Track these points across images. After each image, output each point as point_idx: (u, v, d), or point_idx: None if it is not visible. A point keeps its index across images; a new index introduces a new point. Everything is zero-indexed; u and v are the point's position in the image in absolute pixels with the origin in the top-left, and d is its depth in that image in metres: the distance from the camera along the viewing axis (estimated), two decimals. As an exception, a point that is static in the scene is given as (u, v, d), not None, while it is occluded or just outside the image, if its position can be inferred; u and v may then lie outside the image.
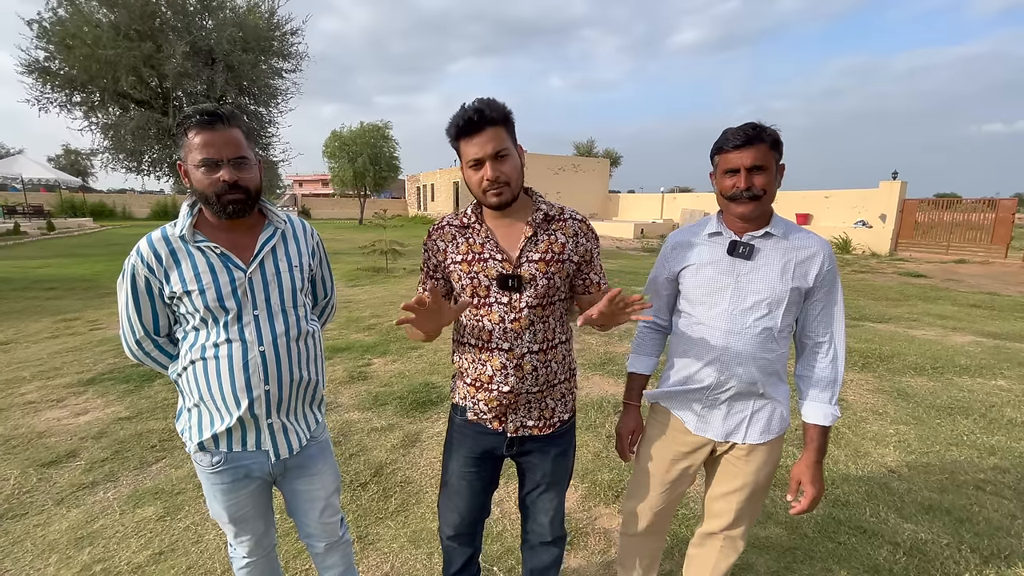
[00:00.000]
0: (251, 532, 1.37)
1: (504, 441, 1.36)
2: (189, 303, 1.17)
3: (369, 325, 5.69)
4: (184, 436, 1.28)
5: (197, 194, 1.18)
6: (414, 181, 39.28)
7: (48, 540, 2.10)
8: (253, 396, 1.21)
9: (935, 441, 3.03)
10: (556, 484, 1.44)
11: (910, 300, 7.59)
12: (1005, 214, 13.22)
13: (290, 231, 1.33)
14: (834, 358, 1.30)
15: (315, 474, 1.37)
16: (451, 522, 1.48)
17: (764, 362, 1.29)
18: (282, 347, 1.24)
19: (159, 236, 1.19)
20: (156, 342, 1.25)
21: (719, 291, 1.31)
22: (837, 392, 1.31)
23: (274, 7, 13.40)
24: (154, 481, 2.55)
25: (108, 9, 11.47)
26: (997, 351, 4.85)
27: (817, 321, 1.30)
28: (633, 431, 1.54)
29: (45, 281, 8.14)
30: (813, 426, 1.32)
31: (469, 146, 1.18)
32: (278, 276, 1.25)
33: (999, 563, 2.00)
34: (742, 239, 1.29)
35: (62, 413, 3.32)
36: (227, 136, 1.15)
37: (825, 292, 1.28)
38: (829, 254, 1.28)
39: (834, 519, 2.27)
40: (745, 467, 1.37)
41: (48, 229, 17.62)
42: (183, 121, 1.15)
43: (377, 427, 3.17)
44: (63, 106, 12.23)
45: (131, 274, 1.18)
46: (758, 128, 1.21)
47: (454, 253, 1.30)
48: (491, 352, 1.29)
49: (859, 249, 14.77)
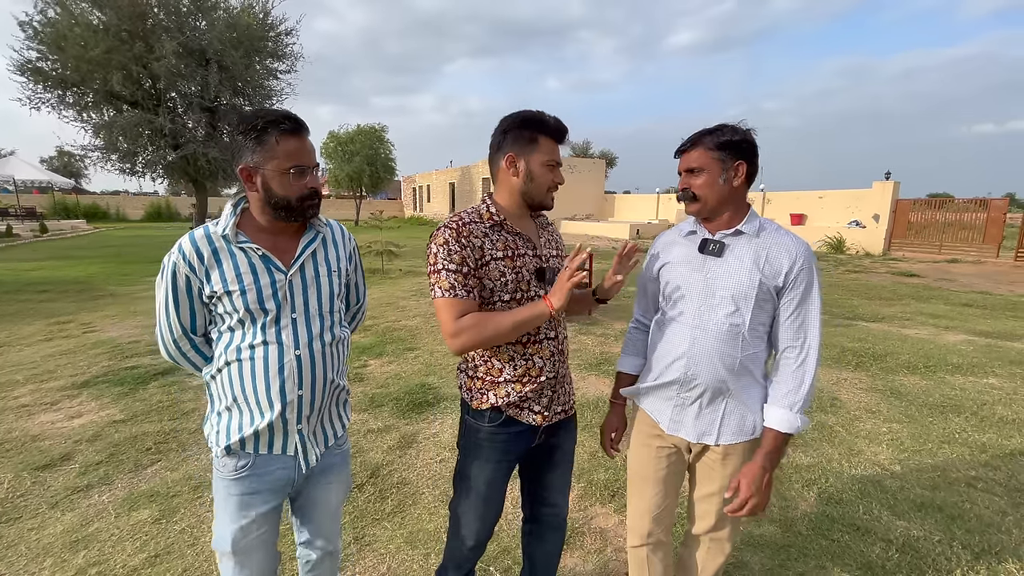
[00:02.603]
0: (251, 570, 1.27)
1: (537, 433, 1.40)
2: (229, 303, 1.16)
3: (365, 326, 5.68)
4: (211, 439, 1.25)
5: (275, 200, 1.16)
6: (410, 182, 39.24)
7: (42, 544, 2.09)
8: (287, 401, 1.20)
9: (927, 439, 3.06)
10: (570, 461, 1.54)
11: (903, 299, 7.65)
12: (996, 214, 13.36)
13: (330, 236, 1.32)
14: (803, 363, 1.26)
15: (333, 483, 1.37)
16: (475, 532, 1.44)
17: (731, 360, 1.29)
18: (317, 352, 1.23)
19: (202, 234, 1.17)
20: (193, 341, 1.24)
21: (689, 288, 1.34)
22: (802, 400, 1.25)
23: (268, 8, 13.39)
24: (149, 484, 2.54)
25: (97, 9, 11.42)
26: (989, 350, 4.90)
27: (788, 323, 1.28)
28: (616, 429, 1.57)
29: (38, 284, 8.08)
30: (767, 429, 1.29)
31: (554, 147, 1.34)
32: (317, 280, 1.25)
33: (990, 559, 2.03)
34: (714, 237, 1.32)
35: (56, 416, 3.30)
36: (310, 144, 1.18)
37: (799, 293, 1.26)
38: (803, 253, 1.26)
39: (828, 516, 2.29)
40: (722, 470, 1.37)
41: (41, 231, 17.50)
42: (266, 125, 1.12)
43: (373, 428, 3.17)
44: (55, 106, 12.16)
45: (172, 271, 1.16)
46: (701, 133, 1.30)
47: (492, 249, 1.29)
48: (539, 344, 1.35)
49: (853, 249, 14.88)
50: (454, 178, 30.45)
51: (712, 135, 1.27)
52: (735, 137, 1.26)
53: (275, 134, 1.13)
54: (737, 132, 1.27)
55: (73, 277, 8.74)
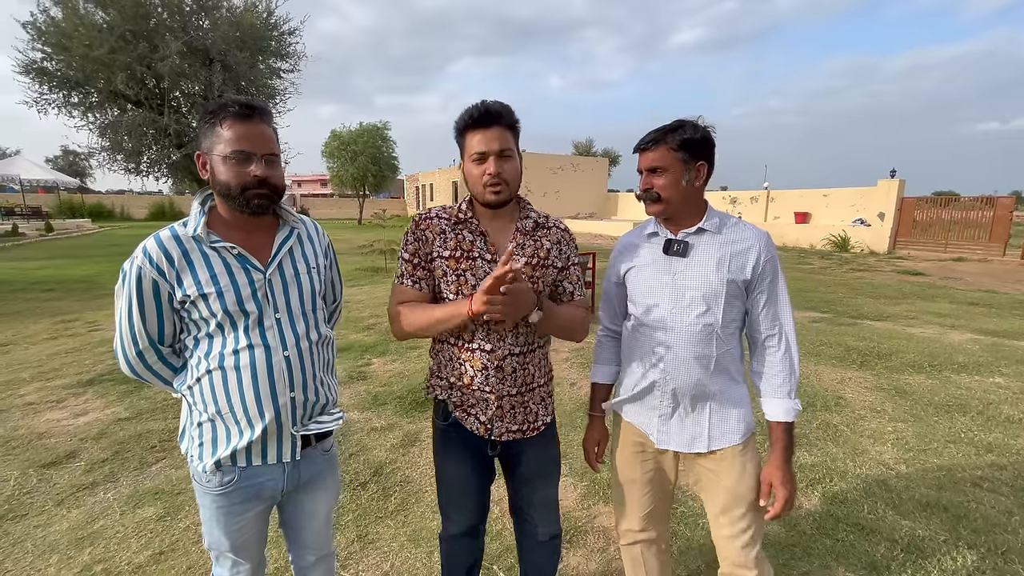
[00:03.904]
0: (249, 561, 1.28)
1: (487, 444, 1.36)
2: (205, 307, 1.10)
3: (368, 325, 5.69)
4: (192, 456, 1.18)
5: (219, 187, 1.10)
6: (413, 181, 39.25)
7: (48, 541, 2.11)
8: (279, 404, 1.15)
9: (933, 438, 3.05)
10: (546, 476, 1.45)
11: (908, 298, 7.61)
12: (1003, 212, 13.24)
13: (304, 232, 1.28)
14: (786, 350, 1.28)
15: (321, 489, 1.33)
16: (456, 519, 1.45)
17: (707, 360, 1.27)
18: (305, 352, 1.19)
19: (169, 235, 1.10)
20: (160, 352, 1.15)
21: (658, 291, 1.31)
22: (795, 385, 1.28)
23: (271, 7, 13.40)
24: (154, 482, 2.55)
25: (101, 9, 11.46)
26: (995, 348, 4.86)
27: (763, 315, 1.28)
28: (598, 442, 1.52)
29: (44, 282, 8.13)
30: (775, 423, 1.28)
31: (476, 138, 1.23)
32: (297, 278, 1.21)
33: (996, 559, 2.01)
34: (676, 237, 1.30)
35: (62, 414, 3.32)
36: (262, 131, 1.11)
37: (767, 284, 1.27)
38: (766, 244, 1.27)
39: (832, 516, 2.28)
40: (722, 480, 1.32)
41: (46, 230, 17.61)
42: (217, 110, 1.09)
43: (376, 427, 3.17)
44: (61, 107, 12.22)
45: (136, 276, 1.08)
46: (663, 130, 1.25)
47: (441, 247, 1.28)
48: (472, 352, 1.28)
49: (858, 247, 14.79)
50: (457, 177, 30.42)
51: (674, 133, 1.24)
52: (696, 135, 1.24)
53: (223, 118, 1.08)
54: (698, 130, 1.24)
55: (79, 276, 8.79)
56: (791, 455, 1.28)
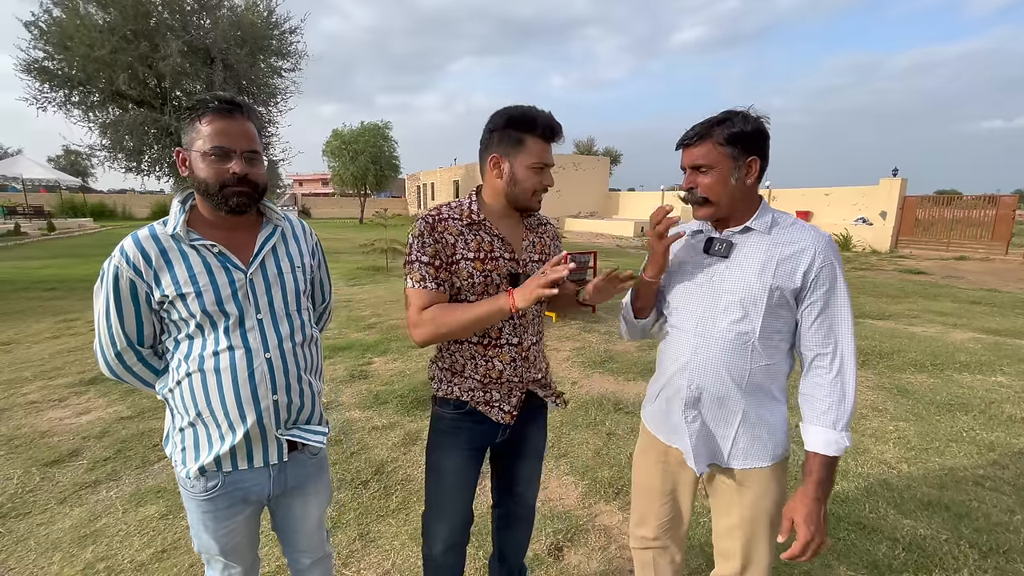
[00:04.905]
0: (240, 564, 1.26)
1: (500, 429, 1.38)
2: (184, 307, 1.07)
3: (369, 324, 5.70)
4: (176, 460, 1.16)
5: (198, 184, 1.08)
6: (414, 180, 39.27)
7: (51, 539, 2.11)
8: (261, 408, 1.12)
9: (935, 437, 3.04)
10: (539, 454, 1.56)
11: (910, 297, 7.59)
12: (1006, 211, 13.22)
13: (289, 230, 1.25)
14: (839, 372, 1.11)
15: (311, 493, 1.31)
16: (442, 534, 1.42)
17: (740, 372, 1.15)
18: (288, 353, 1.16)
19: (147, 234, 1.07)
20: (140, 354, 1.13)
21: (693, 292, 1.22)
22: (846, 415, 1.09)
23: (272, 6, 13.40)
24: (156, 480, 2.56)
25: (102, 9, 11.47)
26: (997, 347, 4.85)
27: (815, 328, 1.13)
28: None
29: (46, 281, 8.15)
30: (812, 455, 1.11)
31: (543, 148, 1.26)
32: (280, 277, 1.17)
33: (998, 558, 2.01)
34: (720, 235, 1.20)
35: (64, 413, 3.33)
36: (242, 127, 1.08)
37: (822, 293, 1.11)
38: (824, 249, 1.11)
39: (833, 515, 2.28)
40: (739, 498, 1.23)
41: (48, 230, 17.63)
42: (196, 106, 1.07)
43: (378, 425, 3.18)
44: (62, 105, 12.24)
45: (113, 276, 1.06)
46: (709, 123, 1.13)
47: (464, 249, 1.27)
48: (500, 348, 1.33)
49: (860, 246, 14.77)
50: (458, 176, 30.42)
51: (722, 126, 1.10)
52: (747, 128, 1.10)
53: (202, 114, 1.06)
54: (748, 122, 1.11)
55: (81, 275, 8.80)
56: (826, 494, 1.10)
